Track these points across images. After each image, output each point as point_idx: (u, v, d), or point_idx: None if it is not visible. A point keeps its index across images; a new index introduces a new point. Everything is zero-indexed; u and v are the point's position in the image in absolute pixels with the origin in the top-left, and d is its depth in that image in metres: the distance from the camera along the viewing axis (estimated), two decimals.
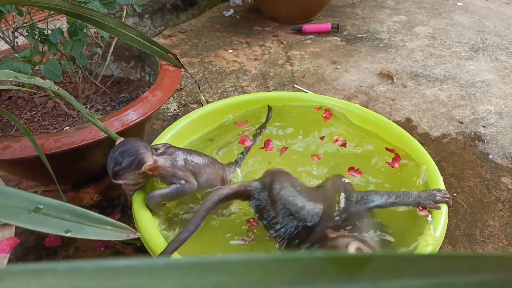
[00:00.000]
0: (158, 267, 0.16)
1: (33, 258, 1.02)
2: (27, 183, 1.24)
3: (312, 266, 0.14)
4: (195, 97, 1.68)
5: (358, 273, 0.14)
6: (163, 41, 2.15)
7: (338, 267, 0.14)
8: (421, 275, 0.14)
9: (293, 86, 1.77)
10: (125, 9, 1.31)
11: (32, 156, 0.91)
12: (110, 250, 1.03)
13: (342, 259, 0.14)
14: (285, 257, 0.15)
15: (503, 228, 1.11)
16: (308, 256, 0.15)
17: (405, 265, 0.14)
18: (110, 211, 1.15)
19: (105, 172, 1.23)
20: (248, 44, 2.15)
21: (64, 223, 0.47)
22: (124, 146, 0.79)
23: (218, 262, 0.15)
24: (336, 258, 0.14)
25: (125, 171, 0.77)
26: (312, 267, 0.14)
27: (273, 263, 0.14)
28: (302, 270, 0.14)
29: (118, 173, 0.77)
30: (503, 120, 1.55)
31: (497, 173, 1.29)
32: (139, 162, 0.77)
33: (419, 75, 1.86)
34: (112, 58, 1.40)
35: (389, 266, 0.14)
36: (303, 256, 0.15)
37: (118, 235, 0.51)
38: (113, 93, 1.33)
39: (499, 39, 2.21)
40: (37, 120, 1.21)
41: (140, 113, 1.04)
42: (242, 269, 0.15)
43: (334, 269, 0.14)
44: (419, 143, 1.05)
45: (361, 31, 2.29)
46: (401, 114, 1.58)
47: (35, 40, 1.13)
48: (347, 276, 0.14)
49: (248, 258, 0.15)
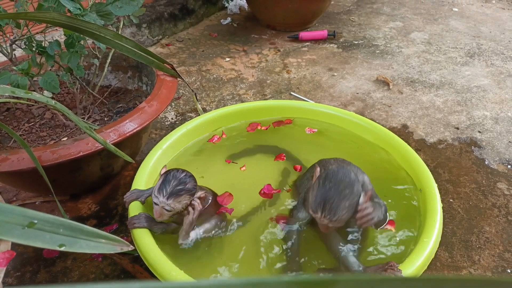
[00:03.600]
0: None
1: (31, 269, 1.03)
2: (26, 194, 1.25)
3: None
4: (193, 106, 1.69)
5: None
6: (161, 50, 2.17)
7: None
8: None
9: (290, 94, 1.78)
10: (122, 20, 1.32)
11: (30, 168, 0.92)
12: (107, 260, 1.03)
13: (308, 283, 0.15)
14: (254, 281, 0.15)
15: (499, 234, 1.11)
16: (276, 280, 0.15)
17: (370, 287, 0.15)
18: (108, 221, 1.16)
19: (103, 183, 1.25)
20: (245, 52, 2.16)
21: (58, 237, 0.48)
22: (186, 172, 0.82)
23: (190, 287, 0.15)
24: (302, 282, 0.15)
25: (185, 193, 0.79)
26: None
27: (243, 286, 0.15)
28: None
29: (178, 193, 0.78)
30: (499, 125, 1.56)
31: (493, 179, 1.30)
32: (196, 189, 0.82)
33: (415, 81, 1.87)
34: (110, 68, 1.42)
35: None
36: (271, 280, 0.15)
37: (112, 248, 0.52)
38: (110, 103, 1.34)
39: (495, 44, 2.23)
40: (35, 131, 1.22)
41: (137, 124, 1.05)
42: None
43: None
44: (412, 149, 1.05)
45: (358, 38, 2.31)
46: (397, 121, 1.59)
47: (32, 52, 1.15)
48: None
49: (218, 283, 0.15)
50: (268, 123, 1.23)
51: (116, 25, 1.36)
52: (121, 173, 1.29)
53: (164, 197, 0.78)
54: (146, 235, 0.82)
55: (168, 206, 0.79)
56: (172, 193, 0.78)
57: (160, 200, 0.79)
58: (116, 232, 1.12)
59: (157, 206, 0.80)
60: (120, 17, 1.35)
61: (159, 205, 0.79)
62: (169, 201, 0.78)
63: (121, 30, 1.33)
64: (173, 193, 0.78)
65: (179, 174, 0.81)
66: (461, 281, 0.15)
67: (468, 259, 1.05)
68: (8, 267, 1.03)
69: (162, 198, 0.78)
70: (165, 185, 0.78)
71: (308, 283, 0.15)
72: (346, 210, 0.75)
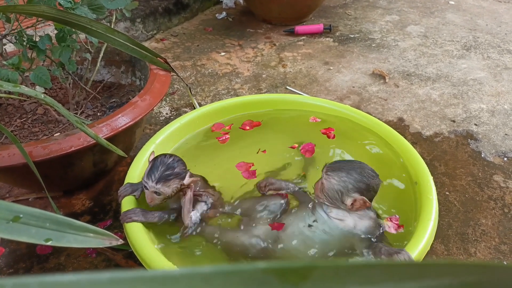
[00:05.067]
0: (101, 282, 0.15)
1: (24, 266, 1.02)
2: (19, 191, 1.24)
3: (254, 277, 0.14)
4: (188, 101, 1.68)
5: (301, 283, 0.14)
6: (156, 45, 2.15)
7: (280, 277, 0.14)
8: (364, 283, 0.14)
9: (285, 88, 1.77)
10: (114, 14, 1.30)
11: (21, 164, 0.91)
12: (101, 256, 1.02)
13: (284, 270, 0.14)
14: (227, 269, 0.14)
15: (495, 227, 1.11)
16: (250, 267, 0.14)
17: (348, 274, 0.14)
18: (102, 217, 1.15)
19: (96, 179, 1.24)
20: (240, 47, 2.15)
21: (44, 231, 0.47)
22: (174, 157, 0.82)
23: (162, 276, 0.14)
24: (278, 269, 0.14)
25: (174, 177, 0.80)
26: (255, 278, 0.14)
27: (216, 275, 0.14)
28: (245, 281, 0.14)
29: (167, 177, 0.79)
30: (495, 118, 1.55)
31: (489, 171, 1.30)
32: (186, 173, 0.82)
33: (411, 75, 1.86)
34: (103, 63, 1.40)
35: (332, 275, 0.14)
36: (246, 267, 0.14)
37: (100, 242, 0.51)
38: (103, 99, 1.33)
39: (491, 37, 2.22)
40: (27, 127, 1.21)
41: (130, 118, 1.04)
42: (186, 283, 0.15)
43: (277, 280, 0.14)
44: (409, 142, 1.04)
45: (354, 32, 2.30)
46: (393, 114, 1.58)
47: (23, 46, 1.13)
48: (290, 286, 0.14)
49: (191, 271, 0.14)
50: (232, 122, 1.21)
51: (109, 19, 1.34)
52: (115, 169, 1.28)
53: (153, 182, 0.79)
54: (140, 231, 0.82)
55: (158, 191, 0.80)
56: (161, 177, 0.79)
57: (149, 185, 0.79)
58: (110, 227, 1.11)
59: (148, 191, 0.81)
60: (113, 11, 1.33)
61: (149, 190, 0.80)
62: (158, 185, 0.79)
63: (113, 24, 1.31)
64: (162, 178, 0.79)
65: (167, 159, 0.82)
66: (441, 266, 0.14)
67: (464, 251, 1.04)
68: (1, 263, 1.02)
69: (152, 183, 0.79)
70: (153, 171, 0.79)
71: (285, 270, 0.14)
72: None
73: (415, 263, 0.15)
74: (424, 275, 0.14)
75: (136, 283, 0.15)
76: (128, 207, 0.86)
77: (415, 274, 0.14)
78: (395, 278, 0.14)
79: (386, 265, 0.15)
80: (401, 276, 0.14)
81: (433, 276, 0.14)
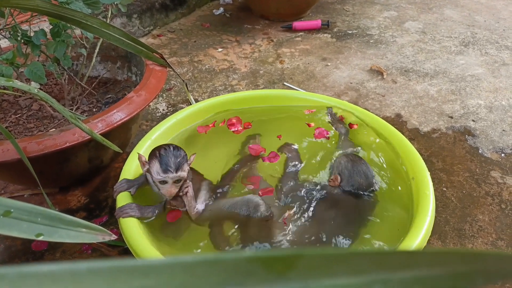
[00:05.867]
0: (80, 272, 0.15)
1: (20, 262, 1.01)
2: (14, 187, 1.23)
3: (239, 266, 0.14)
4: (184, 97, 1.67)
5: (287, 272, 0.13)
6: (152, 41, 2.14)
7: (266, 266, 0.14)
8: (352, 272, 0.14)
9: (283, 84, 1.76)
10: (110, 9, 1.29)
11: (15, 160, 0.90)
12: (97, 252, 1.02)
13: (270, 258, 0.14)
14: (210, 258, 0.14)
15: (493, 222, 1.11)
16: (234, 256, 0.14)
17: (336, 263, 0.14)
18: (98, 213, 1.14)
19: (92, 175, 1.23)
20: (238, 43, 2.14)
21: (36, 226, 0.46)
22: (171, 145, 0.87)
23: (143, 266, 0.14)
24: (263, 258, 0.14)
25: (185, 161, 0.85)
26: (239, 267, 0.14)
27: (198, 265, 0.14)
28: (229, 271, 0.14)
29: (181, 164, 0.84)
30: (493, 114, 1.55)
31: (486, 167, 1.29)
32: (186, 154, 0.87)
33: (409, 71, 1.85)
34: (99, 58, 1.39)
35: (319, 264, 0.14)
36: (229, 256, 0.14)
37: (93, 237, 0.50)
38: (99, 94, 1.32)
39: (489, 33, 2.21)
40: (22, 122, 1.20)
41: (125, 114, 1.03)
42: (168, 272, 0.14)
43: (262, 269, 0.14)
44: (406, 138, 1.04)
45: (352, 28, 2.29)
46: (391, 110, 1.58)
47: (18, 42, 1.12)
48: (275, 275, 0.13)
49: (173, 260, 0.14)
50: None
51: (104, 14, 1.33)
52: (110, 165, 1.27)
53: (173, 172, 0.82)
54: (134, 227, 0.81)
55: (179, 178, 0.84)
56: (177, 165, 0.83)
57: (172, 176, 0.83)
58: (106, 224, 1.11)
59: (167, 184, 0.84)
60: (108, 6, 1.32)
61: (169, 181, 0.83)
62: (178, 173, 0.83)
63: (109, 19, 1.30)
64: (178, 165, 0.83)
65: (169, 148, 0.85)
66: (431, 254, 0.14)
67: (461, 247, 1.04)
68: None
69: (173, 174, 0.83)
70: (167, 163, 0.83)
71: (271, 259, 0.14)
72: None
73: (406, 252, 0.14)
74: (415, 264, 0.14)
75: (117, 273, 0.14)
76: (123, 203, 0.85)
77: (405, 263, 0.14)
78: (384, 267, 0.13)
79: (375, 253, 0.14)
80: (391, 265, 0.14)
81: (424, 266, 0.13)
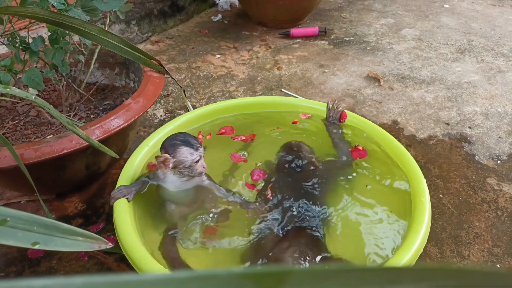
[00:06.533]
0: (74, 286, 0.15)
1: (16, 269, 1.01)
2: (11, 193, 1.23)
3: (230, 282, 0.14)
4: (182, 103, 1.67)
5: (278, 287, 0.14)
6: (151, 47, 2.15)
7: (256, 282, 0.14)
8: None
9: (280, 91, 1.77)
10: (108, 16, 1.30)
11: (12, 166, 0.90)
12: (93, 260, 1.01)
13: (260, 275, 0.14)
14: (203, 274, 0.14)
15: (489, 229, 1.11)
16: (226, 272, 0.14)
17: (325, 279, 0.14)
18: (95, 220, 1.14)
19: (89, 181, 1.23)
20: (236, 49, 2.15)
21: (32, 235, 0.46)
22: (180, 133, 0.91)
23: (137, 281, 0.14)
24: (254, 274, 0.14)
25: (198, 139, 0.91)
26: (231, 283, 0.14)
27: (191, 280, 0.14)
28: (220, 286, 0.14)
29: (198, 140, 0.89)
30: (489, 121, 1.56)
31: (483, 174, 1.30)
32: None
33: (405, 77, 1.86)
34: (97, 65, 1.40)
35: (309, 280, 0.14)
36: (221, 272, 0.14)
37: (89, 245, 0.50)
38: (97, 101, 1.32)
39: (485, 40, 2.23)
40: (20, 129, 1.20)
41: (123, 120, 1.03)
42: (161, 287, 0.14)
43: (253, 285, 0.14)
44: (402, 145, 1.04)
45: (349, 35, 2.30)
46: (387, 117, 1.58)
47: (16, 48, 1.12)
48: None
49: (167, 276, 0.14)
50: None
51: (103, 21, 1.33)
52: (108, 172, 1.27)
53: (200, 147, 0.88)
54: (131, 234, 0.81)
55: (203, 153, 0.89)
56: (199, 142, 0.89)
57: (201, 150, 0.88)
58: (103, 230, 1.10)
59: (200, 160, 0.88)
60: (107, 13, 1.33)
61: (201, 158, 0.88)
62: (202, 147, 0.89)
63: (108, 26, 1.31)
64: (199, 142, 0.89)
65: (182, 134, 0.90)
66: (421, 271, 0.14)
67: (457, 254, 1.04)
68: None
69: (201, 148, 0.88)
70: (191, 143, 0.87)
71: (261, 275, 0.14)
72: None
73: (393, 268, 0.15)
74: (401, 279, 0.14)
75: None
76: (120, 211, 0.85)
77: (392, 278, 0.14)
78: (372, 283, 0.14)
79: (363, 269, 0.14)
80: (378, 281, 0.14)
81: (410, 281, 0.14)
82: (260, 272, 0.14)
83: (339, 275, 0.14)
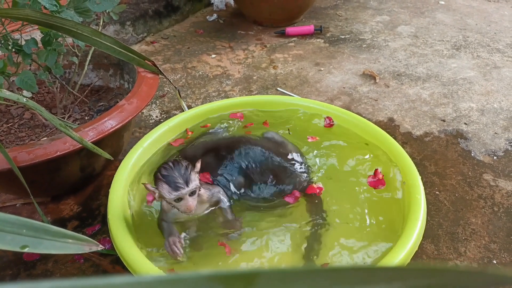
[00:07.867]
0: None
1: (11, 272, 1.00)
2: (6, 196, 1.22)
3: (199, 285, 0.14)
4: (178, 104, 1.67)
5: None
6: (146, 48, 2.14)
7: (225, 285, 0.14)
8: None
9: (276, 90, 1.77)
10: (102, 17, 1.29)
11: (5, 169, 0.89)
12: (89, 262, 1.01)
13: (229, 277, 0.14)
14: (171, 277, 0.14)
15: (485, 226, 1.11)
16: (194, 275, 0.14)
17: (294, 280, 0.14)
18: (90, 222, 1.13)
19: (84, 183, 1.22)
20: (231, 49, 2.14)
21: (21, 238, 0.46)
22: (173, 161, 0.84)
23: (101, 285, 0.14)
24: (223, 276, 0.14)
25: (191, 172, 0.82)
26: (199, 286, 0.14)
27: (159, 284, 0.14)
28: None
29: (188, 176, 0.81)
30: (485, 117, 1.56)
31: (479, 170, 1.30)
32: (191, 164, 0.84)
33: (401, 75, 1.86)
34: (91, 66, 1.39)
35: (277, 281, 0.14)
36: (190, 275, 0.14)
37: (79, 248, 0.50)
38: (91, 102, 1.32)
39: (481, 36, 2.23)
40: (14, 131, 1.20)
41: (117, 122, 1.03)
42: None
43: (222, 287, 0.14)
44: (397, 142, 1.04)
45: (344, 32, 2.30)
46: (383, 114, 1.58)
47: (9, 51, 1.12)
48: None
49: (134, 280, 0.14)
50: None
51: (96, 22, 1.33)
52: (103, 173, 1.27)
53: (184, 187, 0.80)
54: (126, 236, 0.81)
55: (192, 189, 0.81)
56: (185, 179, 0.80)
57: (184, 191, 0.80)
58: (99, 232, 1.10)
59: (184, 200, 0.81)
60: (100, 14, 1.32)
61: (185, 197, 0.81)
62: (189, 186, 0.80)
63: (101, 27, 1.30)
64: (186, 178, 0.80)
65: (172, 165, 0.82)
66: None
67: (454, 251, 1.04)
68: None
69: (185, 189, 0.80)
70: (174, 181, 0.80)
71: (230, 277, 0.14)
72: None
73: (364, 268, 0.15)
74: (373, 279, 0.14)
75: None
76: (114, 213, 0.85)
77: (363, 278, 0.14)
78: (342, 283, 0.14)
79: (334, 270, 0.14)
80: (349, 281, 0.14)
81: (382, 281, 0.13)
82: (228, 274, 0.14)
83: (308, 276, 0.13)
